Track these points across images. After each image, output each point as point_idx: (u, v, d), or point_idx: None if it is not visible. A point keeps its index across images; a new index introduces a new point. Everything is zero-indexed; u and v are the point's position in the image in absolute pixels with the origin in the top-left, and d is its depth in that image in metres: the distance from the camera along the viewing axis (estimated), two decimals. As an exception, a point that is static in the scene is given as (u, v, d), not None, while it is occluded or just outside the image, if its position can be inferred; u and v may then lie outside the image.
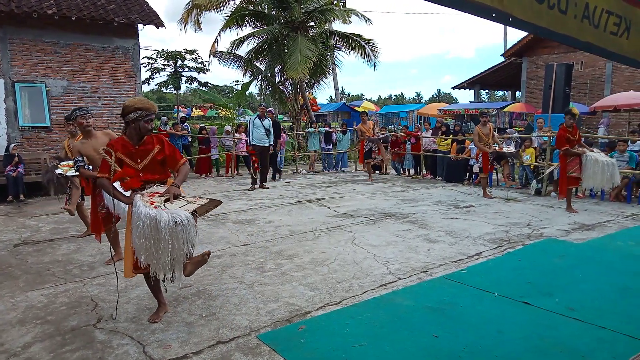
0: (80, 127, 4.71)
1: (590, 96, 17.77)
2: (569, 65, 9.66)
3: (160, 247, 2.97)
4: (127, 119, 3.31)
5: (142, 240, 2.99)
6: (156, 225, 2.95)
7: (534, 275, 4.30)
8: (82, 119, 4.63)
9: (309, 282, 4.14)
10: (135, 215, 3.05)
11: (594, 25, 2.03)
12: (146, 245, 2.99)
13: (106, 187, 3.31)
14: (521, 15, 1.73)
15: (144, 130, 3.34)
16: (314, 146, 13.79)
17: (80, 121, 4.64)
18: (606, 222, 6.58)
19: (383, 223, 6.50)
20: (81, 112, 4.66)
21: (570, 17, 1.91)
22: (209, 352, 2.93)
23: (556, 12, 1.85)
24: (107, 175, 3.28)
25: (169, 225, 2.94)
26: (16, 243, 5.70)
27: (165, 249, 2.97)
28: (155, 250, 2.98)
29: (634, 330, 3.15)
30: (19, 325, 3.35)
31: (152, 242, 2.97)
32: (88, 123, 4.65)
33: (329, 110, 27.20)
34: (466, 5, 1.58)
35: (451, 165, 11.05)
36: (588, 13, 1.99)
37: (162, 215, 2.97)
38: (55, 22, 9.77)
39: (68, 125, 5.62)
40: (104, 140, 4.55)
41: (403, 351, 2.92)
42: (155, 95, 45.71)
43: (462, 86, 24.72)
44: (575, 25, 1.94)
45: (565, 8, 1.88)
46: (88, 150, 4.63)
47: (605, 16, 2.07)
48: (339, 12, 17.06)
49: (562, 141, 7.06)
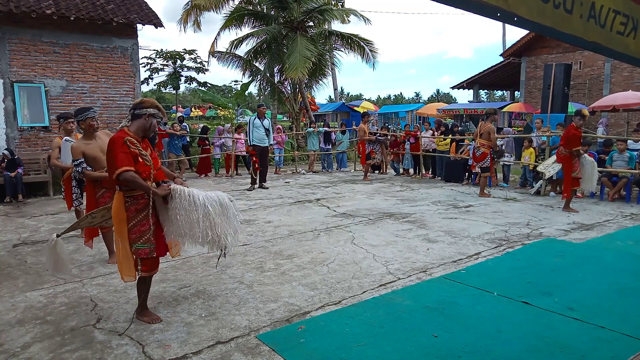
0: (89, 128, 4.67)
1: (589, 96, 17.79)
2: (567, 65, 9.68)
3: (230, 221, 3.30)
4: (142, 112, 3.24)
5: (207, 222, 3.19)
6: (223, 202, 3.27)
7: (533, 275, 4.30)
8: (92, 121, 4.64)
9: (309, 282, 4.15)
10: (195, 198, 3.20)
11: (600, 25, 2.01)
12: (211, 224, 3.20)
13: (135, 180, 3.09)
14: (526, 14, 1.72)
15: (153, 129, 3.34)
16: (313, 146, 13.79)
17: (91, 123, 4.64)
18: (605, 222, 6.59)
19: (382, 223, 6.50)
20: (92, 114, 4.67)
21: (576, 16, 1.90)
22: (209, 352, 2.93)
23: (562, 12, 1.84)
24: (133, 169, 3.11)
25: (229, 200, 3.34)
26: (15, 243, 5.70)
27: (234, 218, 3.34)
28: (224, 225, 3.25)
29: (633, 329, 3.16)
30: (18, 326, 3.35)
31: (221, 219, 3.24)
32: (98, 125, 4.72)
33: (328, 110, 27.20)
34: (471, 5, 1.57)
35: (450, 165, 11.06)
36: (594, 13, 1.98)
37: (220, 194, 3.32)
38: (54, 21, 9.76)
39: (67, 123, 5.56)
40: (106, 140, 4.41)
41: (402, 351, 2.92)
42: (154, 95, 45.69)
43: (461, 86, 24.75)
44: (581, 25, 1.93)
45: (570, 7, 1.87)
46: (95, 151, 4.60)
47: (611, 16, 2.06)
48: (338, 12, 17.07)
49: (577, 141, 7.09)
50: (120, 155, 3.09)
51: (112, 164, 3.11)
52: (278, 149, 13.55)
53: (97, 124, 4.70)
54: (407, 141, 12.41)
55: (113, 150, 3.12)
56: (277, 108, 20.97)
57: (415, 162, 12.45)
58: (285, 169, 13.90)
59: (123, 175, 3.07)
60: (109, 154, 3.16)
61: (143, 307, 3.41)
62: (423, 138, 11.96)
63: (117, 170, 3.06)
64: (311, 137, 13.82)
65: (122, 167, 3.07)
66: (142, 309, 3.41)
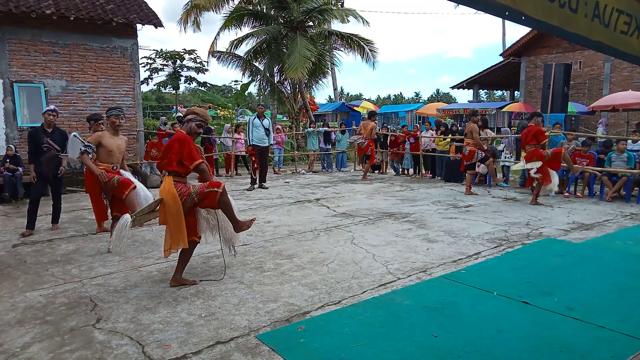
0: (112, 125, 5.27)
1: (588, 96, 17.79)
2: (567, 64, 9.67)
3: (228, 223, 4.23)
4: (184, 119, 4.10)
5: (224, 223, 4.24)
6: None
7: (533, 275, 4.30)
8: (115, 118, 5.22)
9: (308, 282, 4.14)
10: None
11: (604, 24, 2.02)
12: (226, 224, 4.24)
13: (206, 171, 4.02)
14: (533, 13, 1.72)
15: (194, 131, 4.04)
16: (313, 146, 13.79)
17: (113, 120, 5.22)
18: (605, 222, 6.59)
19: (382, 223, 6.50)
20: (116, 113, 5.21)
21: (580, 16, 1.90)
22: (208, 352, 2.93)
23: (567, 11, 1.84)
24: (205, 162, 4.02)
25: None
26: (15, 243, 5.69)
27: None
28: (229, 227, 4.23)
29: (632, 329, 3.15)
30: (17, 326, 3.34)
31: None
32: (120, 123, 5.24)
33: (327, 110, 27.17)
34: (480, 4, 1.57)
35: (450, 165, 11.06)
36: (598, 12, 1.98)
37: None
38: (54, 22, 9.76)
39: (98, 125, 5.88)
40: (125, 143, 5.36)
41: (402, 351, 2.92)
42: (154, 95, 45.69)
43: (460, 86, 24.74)
44: (586, 24, 1.93)
45: (575, 7, 1.87)
46: (112, 144, 5.20)
47: (615, 15, 2.06)
48: (338, 12, 17.08)
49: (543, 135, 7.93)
50: (195, 149, 3.95)
51: (190, 156, 3.89)
52: (278, 149, 13.55)
53: (118, 122, 5.22)
54: (407, 141, 12.42)
55: (189, 145, 3.90)
56: (277, 108, 20.97)
57: (415, 162, 12.46)
58: (285, 169, 13.91)
59: (201, 165, 3.94)
60: (182, 147, 3.88)
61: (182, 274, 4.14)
62: (423, 138, 11.96)
63: (196, 161, 3.90)
64: (311, 137, 13.83)
65: (198, 159, 3.93)
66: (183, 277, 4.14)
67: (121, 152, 5.37)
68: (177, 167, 3.92)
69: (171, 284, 4.06)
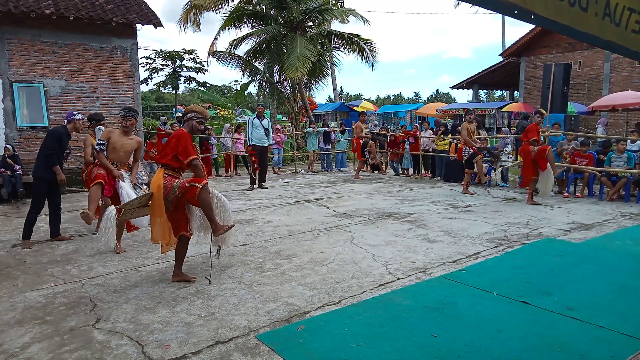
0: (120, 124, 5.46)
1: (588, 96, 17.78)
2: (567, 65, 9.69)
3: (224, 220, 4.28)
4: (185, 118, 4.21)
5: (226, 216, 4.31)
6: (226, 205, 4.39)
7: (532, 275, 4.30)
8: (121, 119, 5.36)
9: (308, 282, 4.14)
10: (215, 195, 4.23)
11: (615, 23, 1.98)
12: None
13: (199, 168, 4.08)
14: (543, 12, 1.69)
15: (195, 128, 4.18)
16: (312, 146, 13.79)
17: (120, 120, 5.41)
18: (605, 222, 6.59)
19: (382, 223, 6.50)
20: (123, 114, 5.33)
21: (591, 14, 1.86)
22: (208, 352, 2.93)
23: (577, 10, 1.81)
24: (199, 159, 4.11)
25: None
26: (14, 243, 5.69)
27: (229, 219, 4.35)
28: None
29: (632, 329, 3.16)
30: (17, 326, 3.34)
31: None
32: (125, 124, 5.32)
33: (327, 110, 27.16)
34: (489, 3, 1.56)
35: (450, 165, 11.06)
36: (609, 10, 1.95)
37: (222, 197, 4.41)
38: (53, 22, 9.75)
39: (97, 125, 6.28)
40: (133, 145, 5.41)
41: (402, 351, 2.92)
42: (153, 95, 45.69)
43: (460, 86, 24.73)
44: (596, 23, 1.90)
45: (586, 5, 1.83)
46: (117, 142, 5.31)
47: (626, 14, 2.02)
48: (337, 12, 17.09)
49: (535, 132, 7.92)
50: (191, 146, 4.05)
51: (185, 151, 3.98)
52: (277, 149, 13.55)
53: (124, 122, 5.32)
54: (407, 141, 12.42)
55: (185, 141, 4.01)
56: (277, 108, 20.97)
57: (414, 162, 12.46)
58: (284, 169, 13.90)
59: (194, 161, 4.02)
60: (179, 142, 4.00)
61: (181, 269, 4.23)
62: (422, 138, 11.97)
63: (190, 156, 3.99)
64: (310, 137, 13.83)
65: (193, 155, 4.02)
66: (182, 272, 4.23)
67: (126, 152, 5.41)
68: (170, 161, 4.04)
69: (173, 279, 4.18)
